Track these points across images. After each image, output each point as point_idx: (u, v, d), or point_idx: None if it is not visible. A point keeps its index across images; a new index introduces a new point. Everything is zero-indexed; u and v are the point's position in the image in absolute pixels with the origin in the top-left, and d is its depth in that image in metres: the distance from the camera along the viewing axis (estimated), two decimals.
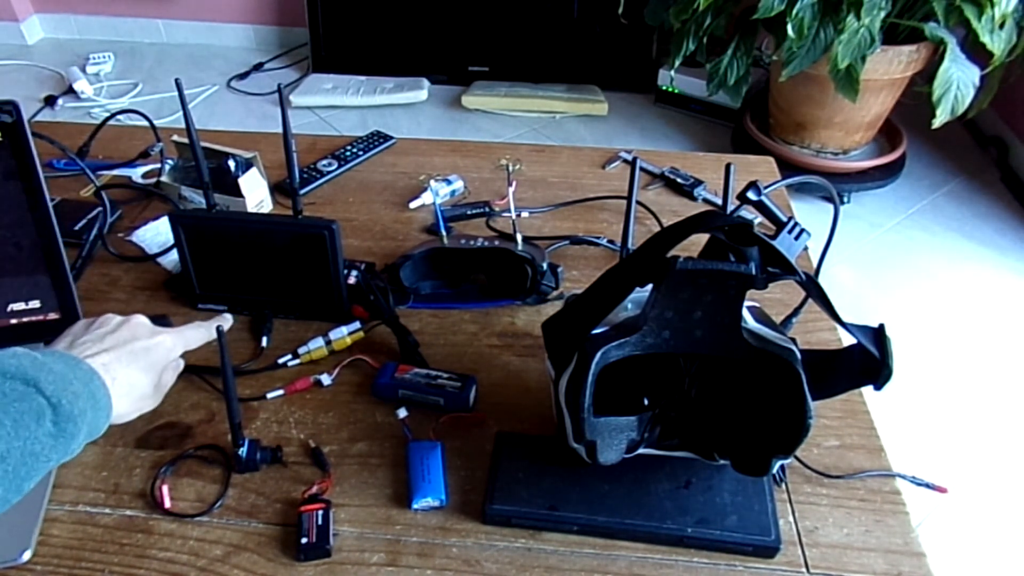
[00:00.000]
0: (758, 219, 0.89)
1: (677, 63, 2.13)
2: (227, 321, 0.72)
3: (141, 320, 0.64)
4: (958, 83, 1.82)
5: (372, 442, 0.67)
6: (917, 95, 1.99)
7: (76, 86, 2.81)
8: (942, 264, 2.13)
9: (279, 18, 3.18)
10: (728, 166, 0.72)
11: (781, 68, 1.98)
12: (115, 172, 1.02)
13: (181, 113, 0.69)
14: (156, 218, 0.93)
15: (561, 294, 0.82)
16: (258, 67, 3.06)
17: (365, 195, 1.00)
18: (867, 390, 0.57)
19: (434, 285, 0.83)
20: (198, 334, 0.67)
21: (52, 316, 0.74)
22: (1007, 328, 1.93)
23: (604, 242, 0.91)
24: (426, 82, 2.85)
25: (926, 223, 2.28)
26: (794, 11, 1.82)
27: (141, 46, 3.24)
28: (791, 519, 0.62)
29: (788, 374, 0.53)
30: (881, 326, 0.54)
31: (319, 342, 0.75)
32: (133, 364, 0.60)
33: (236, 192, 0.91)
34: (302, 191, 0.98)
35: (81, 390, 0.52)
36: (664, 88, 2.77)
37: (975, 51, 1.85)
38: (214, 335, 0.65)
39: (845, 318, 0.54)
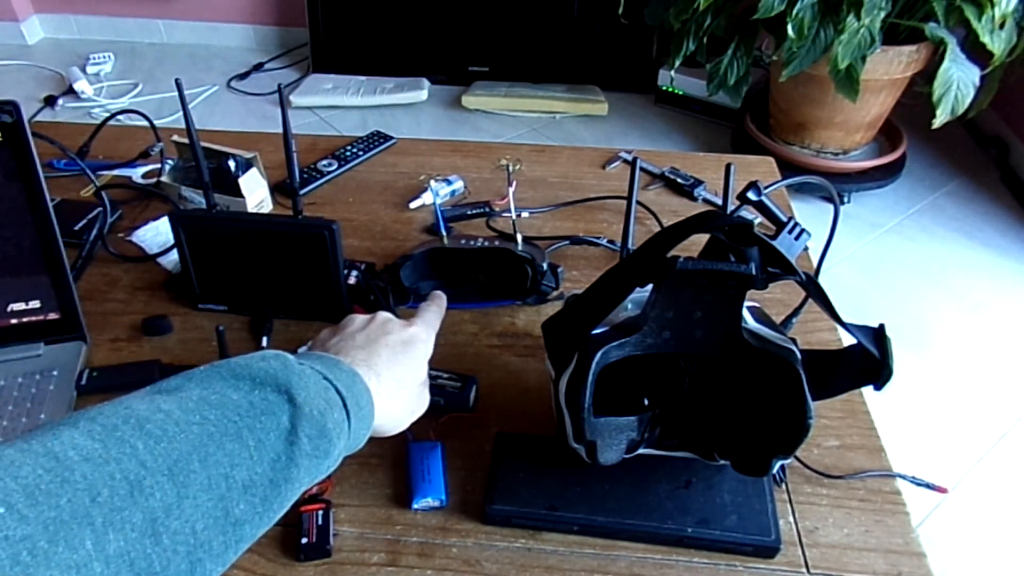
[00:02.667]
0: (758, 219, 0.89)
1: (677, 63, 2.13)
2: (442, 299, 0.64)
3: (388, 315, 0.57)
4: (958, 83, 1.82)
5: (372, 442, 0.67)
6: (917, 95, 1.99)
7: (76, 86, 2.81)
8: (942, 264, 2.13)
9: (279, 18, 3.18)
10: (728, 166, 0.72)
11: (781, 68, 1.98)
12: (115, 172, 1.02)
13: (181, 113, 0.69)
14: (156, 218, 0.93)
15: (561, 294, 0.82)
16: (258, 67, 3.06)
17: (365, 195, 1.00)
18: (867, 390, 0.57)
19: (434, 285, 0.83)
20: (435, 314, 0.60)
21: (52, 316, 0.74)
22: (1007, 328, 1.93)
23: (604, 242, 0.91)
24: (426, 82, 2.85)
25: (926, 223, 2.28)
26: (794, 11, 1.82)
27: (141, 46, 3.24)
28: (791, 519, 0.62)
29: (788, 374, 0.53)
30: (881, 326, 0.54)
31: None
32: (396, 359, 0.52)
33: (236, 192, 0.91)
34: (302, 191, 0.98)
35: (334, 399, 0.44)
36: (664, 88, 2.76)
37: (975, 51, 1.85)
38: (443, 310, 0.61)
39: (845, 318, 0.54)
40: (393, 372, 0.51)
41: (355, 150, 1.07)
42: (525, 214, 0.95)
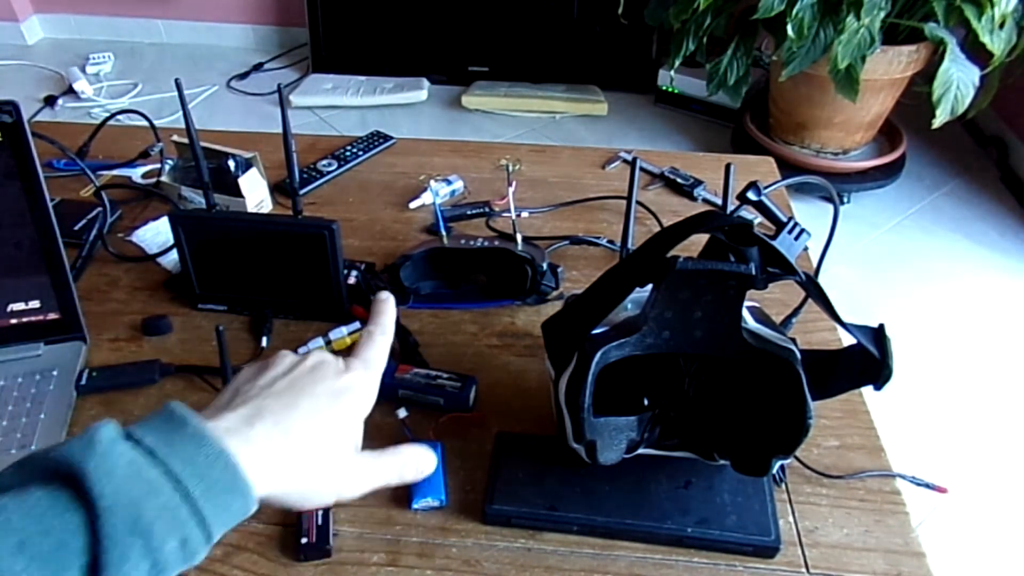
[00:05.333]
0: (758, 219, 0.89)
1: (677, 63, 2.13)
2: (389, 322, 0.50)
3: (323, 356, 0.46)
4: (958, 83, 1.82)
5: (372, 442, 0.67)
6: (917, 95, 1.99)
7: (76, 86, 2.81)
8: (942, 264, 2.13)
9: (279, 18, 3.18)
10: (728, 166, 0.73)
11: (781, 68, 1.98)
12: (115, 172, 1.02)
13: (181, 113, 0.69)
14: (156, 218, 0.93)
15: (561, 294, 0.82)
16: (258, 67, 3.06)
17: (365, 195, 1.00)
18: (867, 390, 0.57)
19: (434, 285, 0.83)
20: (377, 349, 0.49)
21: (52, 316, 0.74)
22: (1007, 328, 1.93)
23: (604, 242, 0.91)
24: (426, 82, 2.85)
25: (926, 223, 2.28)
26: (794, 11, 1.82)
27: (141, 46, 3.24)
28: (791, 519, 0.62)
29: (788, 374, 0.53)
30: (881, 326, 0.54)
31: (319, 342, 0.75)
32: (318, 413, 0.42)
33: (236, 192, 0.91)
34: (302, 191, 0.98)
35: (156, 480, 0.33)
36: (664, 88, 2.76)
37: (975, 51, 1.85)
38: (390, 336, 0.50)
39: (845, 318, 0.54)
40: (310, 428, 0.41)
41: (355, 150, 1.07)
42: (525, 214, 0.95)
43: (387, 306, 0.50)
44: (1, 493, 0.31)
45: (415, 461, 0.48)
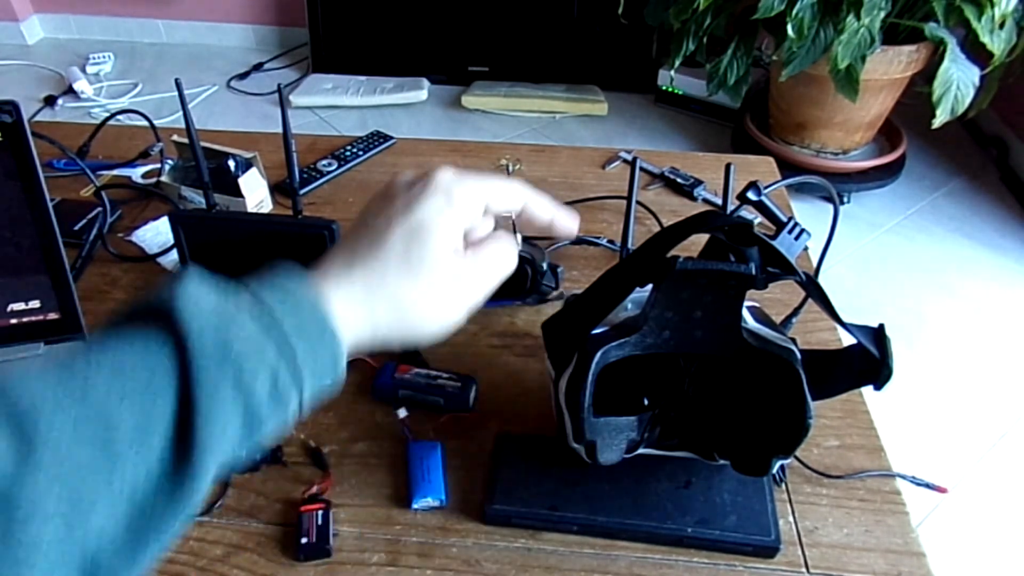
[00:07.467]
0: (758, 219, 0.89)
1: (677, 63, 2.13)
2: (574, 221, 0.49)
3: (445, 175, 0.43)
4: (958, 83, 1.82)
5: (372, 442, 0.67)
6: (917, 95, 1.99)
7: (76, 86, 2.81)
8: (942, 264, 2.13)
9: (279, 18, 3.18)
10: (728, 166, 0.72)
11: (781, 68, 1.98)
12: (115, 172, 1.02)
13: (181, 113, 0.69)
14: (156, 218, 0.93)
15: (561, 294, 0.82)
16: (258, 67, 3.06)
17: (365, 195, 1.00)
18: (867, 390, 0.57)
19: None
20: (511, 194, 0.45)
21: (52, 316, 0.74)
22: (1007, 328, 1.93)
23: (604, 242, 0.91)
24: (426, 82, 2.85)
25: (926, 223, 2.28)
26: (794, 11, 1.82)
27: (141, 46, 3.24)
28: (791, 519, 0.62)
29: (788, 374, 0.53)
30: (881, 326, 0.54)
31: None
32: (418, 240, 0.39)
33: (236, 192, 0.91)
34: (302, 191, 0.98)
35: (253, 327, 0.32)
36: (664, 88, 2.77)
37: (975, 51, 1.85)
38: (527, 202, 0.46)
39: (845, 318, 0.53)
40: (409, 268, 0.39)
41: (355, 150, 1.07)
42: None
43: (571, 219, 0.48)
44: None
45: (502, 252, 0.43)
